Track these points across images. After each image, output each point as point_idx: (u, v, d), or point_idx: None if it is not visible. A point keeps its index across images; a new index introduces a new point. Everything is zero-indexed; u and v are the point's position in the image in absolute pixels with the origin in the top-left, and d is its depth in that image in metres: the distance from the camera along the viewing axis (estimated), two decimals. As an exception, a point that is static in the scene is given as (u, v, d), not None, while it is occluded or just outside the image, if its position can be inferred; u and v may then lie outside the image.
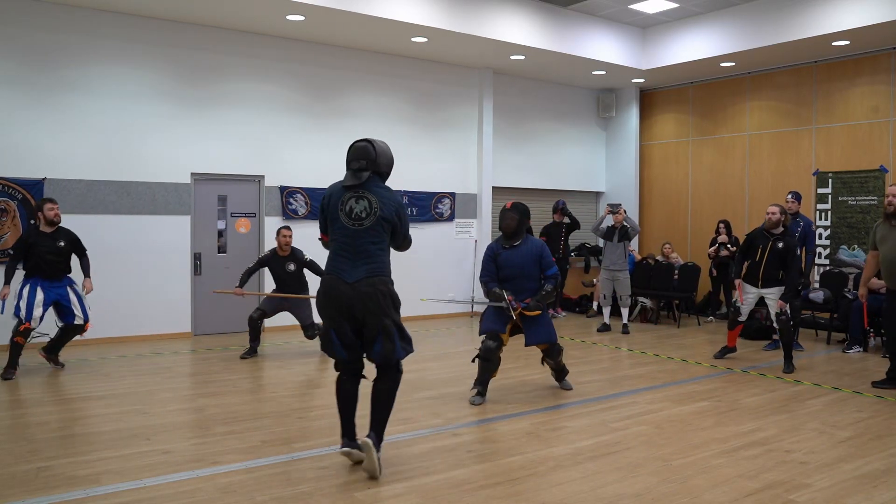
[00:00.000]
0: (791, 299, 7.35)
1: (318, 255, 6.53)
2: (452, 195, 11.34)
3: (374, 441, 4.10)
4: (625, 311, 9.94)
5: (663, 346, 8.85)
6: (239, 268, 8.44)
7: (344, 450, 4.27)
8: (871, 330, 8.65)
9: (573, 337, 9.48)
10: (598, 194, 13.50)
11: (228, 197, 9.50)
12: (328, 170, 10.16)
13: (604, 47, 10.97)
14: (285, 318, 8.35)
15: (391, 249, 4.31)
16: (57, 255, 6.85)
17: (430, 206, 11.08)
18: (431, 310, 11.08)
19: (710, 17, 10.56)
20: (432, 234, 11.13)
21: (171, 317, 8.99)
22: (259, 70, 9.56)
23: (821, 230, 10.58)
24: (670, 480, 4.17)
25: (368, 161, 4.21)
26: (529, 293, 5.91)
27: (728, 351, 7.93)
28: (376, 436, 4.17)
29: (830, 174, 10.58)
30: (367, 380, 4.30)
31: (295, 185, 9.85)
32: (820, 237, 10.53)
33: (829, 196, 10.59)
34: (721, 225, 10.82)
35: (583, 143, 13.13)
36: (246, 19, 8.91)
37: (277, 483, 4.08)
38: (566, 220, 11.43)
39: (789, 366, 7.27)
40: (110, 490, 3.93)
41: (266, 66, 9.61)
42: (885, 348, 8.16)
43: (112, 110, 8.59)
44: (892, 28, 8.98)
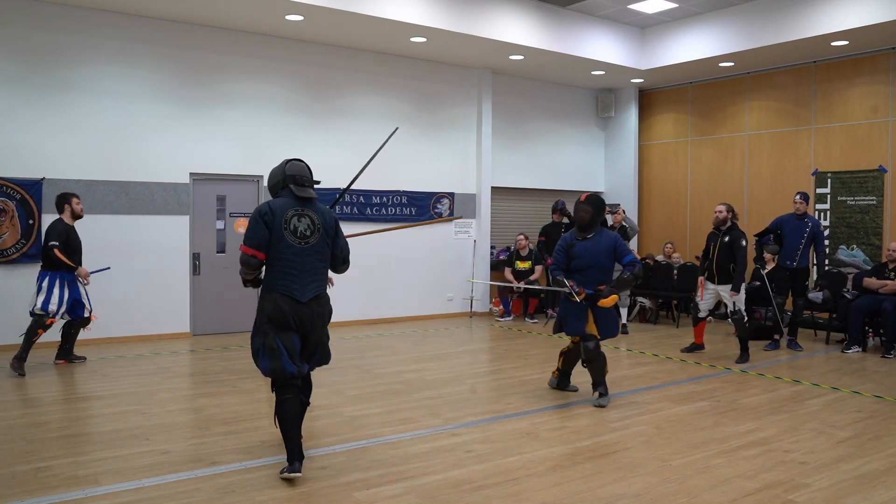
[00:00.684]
0: (738, 288, 7.72)
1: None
2: (451, 195, 11.34)
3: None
4: (624, 311, 9.94)
5: (662, 346, 8.85)
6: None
7: (296, 475, 4.03)
8: (871, 330, 8.67)
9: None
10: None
11: (227, 197, 9.49)
12: (327, 170, 10.17)
13: (603, 47, 10.97)
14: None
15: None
16: (80, 248, 7.16)
17: (429, 206, 11.08)
18: (432, 310, 11.10)
19: (709, 17, 10.56)
20: (431, 234, 11.14)
21: (170, 317, 8.99)
22: (258, 70, 9.56)
23: (820, 230, 10.58)
24: (669, 480, 4.18)
25: (308, 179, 4.24)
26: (599, 284, 5.86)
27: (696, 348, 8.31)
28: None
29: (829, 174, 10.58)
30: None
31: (294, 185, 9.84)
32: (819, 237, 10.52)
33: (829, 196, 10.59)
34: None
35: (582, 143, 13.13)
36: (245, 19, 8.91)
37: (277, 483, 4.08)
38: (565, 220, 11.41)
39: (745, 356, 7.77)
40: (109, 490, 3.93)
41: (265, 66, 9.61)
42: (883, 349, 8.19)
43: (111, 110, 8.59)
44: (891, 28, 8.98)
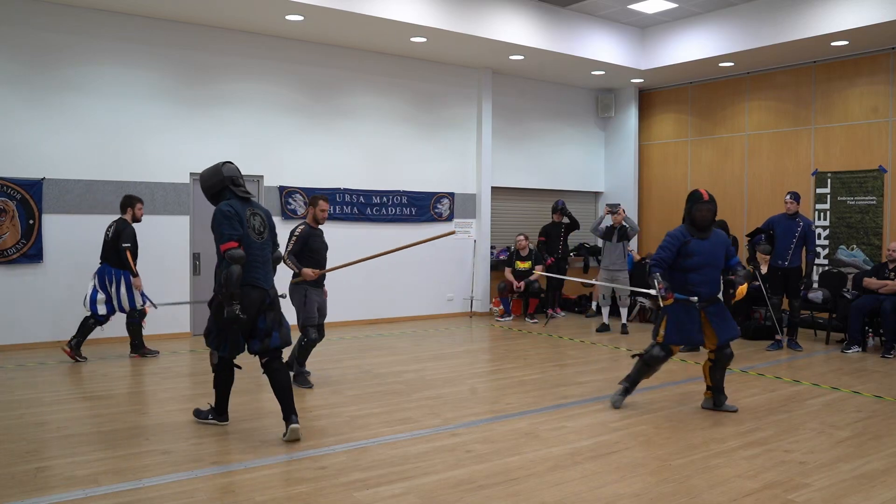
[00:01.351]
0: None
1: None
2: (451, 195, 11.34)
3: (297, 421, 4.83)
4: (623, 311, 9.95)
5: (662, 346, 8.85)
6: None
7: (224, 423, 5.18)
8: (870, 330, 8.67)
9: (572, 337, 9.48)
10: (597, 194, 13.50)
11: (227, 197, 9.48)
12: (327, 170, 10.21)
13: (603, 47, 10.97)
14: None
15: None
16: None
17: (429, 206, 11.08)
18: (432, 310, 11.10)
19: (708, 17, 10.56)
20: (431, 234, 11.09)
21: (170, 317, 8.98)
22: (258, 70, 9.56)
23: (819, 230, 10.58)
24: (669, 480, 4.18)
25: (243, 180, 5.05)
26: (714, 284, 5.71)
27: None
28: (296, 416, 4.83)
29: (829, 174, 10.59)
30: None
31: (294, 185, 9.85)
32: (819, 237, 10.53)
33: (828, 196, 10.60)
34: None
35: (582, 143, 13.13)
36: (245, 19, 8.91)
37: (277, 483, 4.08)
38: (565, 220, 11.43)
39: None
40: (109, 490, 3.93)
41: (265, 66, 9.61)
42: (883, 348, 8.19)
43: (111, 110, 8.59)
44: (891, 28, 8.99)
